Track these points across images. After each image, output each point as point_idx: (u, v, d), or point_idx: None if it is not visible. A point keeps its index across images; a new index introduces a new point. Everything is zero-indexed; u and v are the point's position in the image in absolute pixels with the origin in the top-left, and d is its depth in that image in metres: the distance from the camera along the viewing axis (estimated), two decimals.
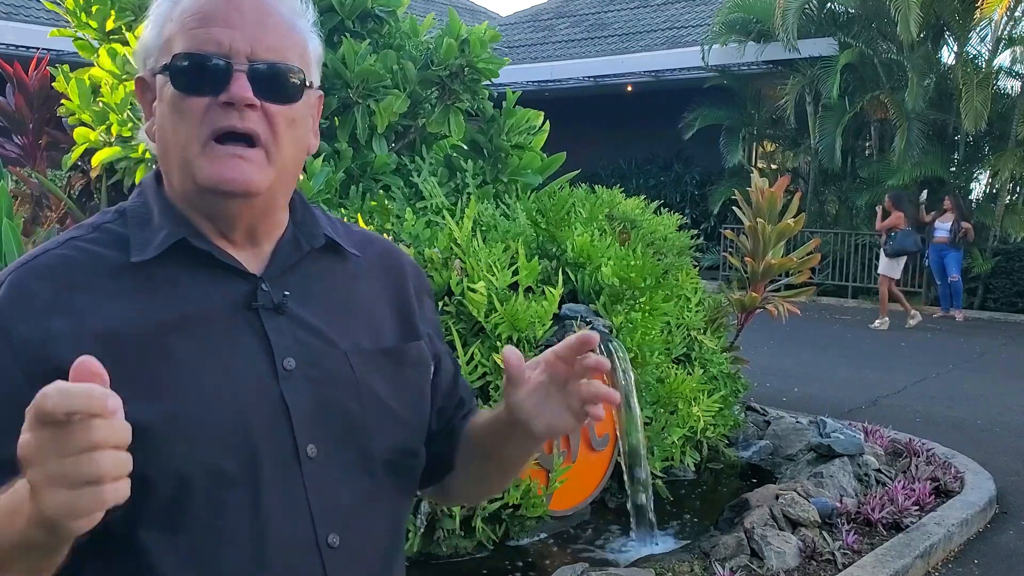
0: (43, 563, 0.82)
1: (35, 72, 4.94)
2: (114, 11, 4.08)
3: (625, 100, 16.68)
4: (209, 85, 0.96)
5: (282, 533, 0.97)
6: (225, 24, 0.97)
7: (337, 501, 1.00)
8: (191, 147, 0.97)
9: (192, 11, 0.98)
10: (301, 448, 0.98)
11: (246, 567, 0.96)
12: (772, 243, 5.10)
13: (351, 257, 1.11)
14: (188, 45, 0.97)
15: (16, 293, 0.95)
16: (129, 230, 1.01)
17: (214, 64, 0.96)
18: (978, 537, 4.33)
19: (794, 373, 7.72)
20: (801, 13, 12.89)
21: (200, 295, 0.99)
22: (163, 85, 0.99)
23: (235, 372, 0.97)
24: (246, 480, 0.95)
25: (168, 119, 0.99)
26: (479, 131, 4.34)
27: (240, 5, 0.98)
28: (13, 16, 11.16)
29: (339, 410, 1.01)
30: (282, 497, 0.97)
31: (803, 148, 14.40)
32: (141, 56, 1.04)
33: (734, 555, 3.56)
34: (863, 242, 13.19)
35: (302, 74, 1.01)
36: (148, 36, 1.02)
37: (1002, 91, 12.68)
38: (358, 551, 1.02)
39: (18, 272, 0.97)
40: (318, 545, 0.98)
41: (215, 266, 1.00)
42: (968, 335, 10.25)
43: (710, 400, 4.59)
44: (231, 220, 1.01)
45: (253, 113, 0.97)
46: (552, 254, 4.15)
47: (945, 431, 5.97)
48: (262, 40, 0.98)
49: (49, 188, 4.24)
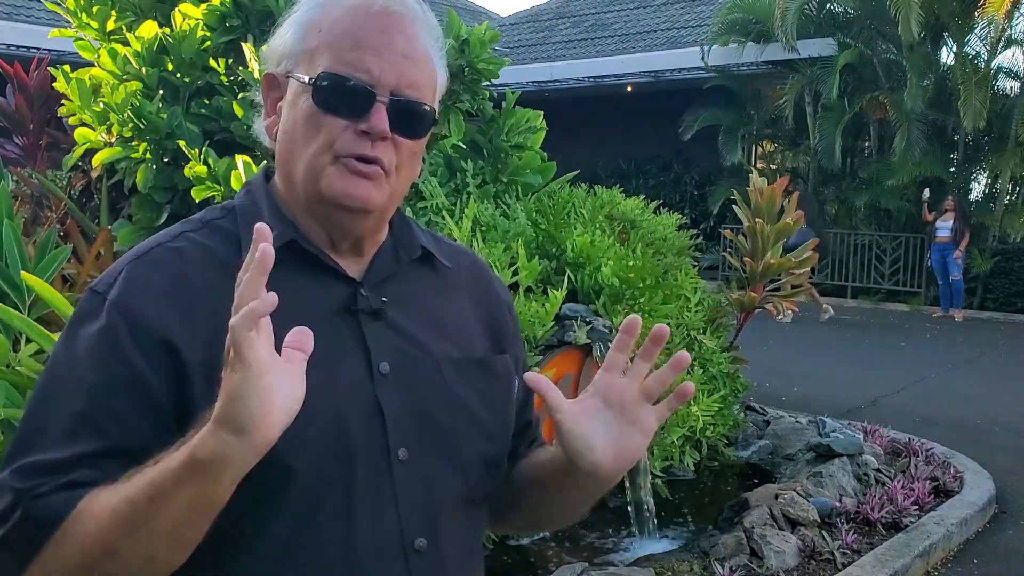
0: (201, 518, 0.85)
1: (35, 72, 4.94)
2: (115, 11, 4.08)
3: (625, 100, 16.68)
4: (350, 109, 0.98)
5: (371, 534, 0.98)
6: (376, 54, 0.99)
7: (425, 506, 1.02)
8: (321, 158, 0.99)
9: (345, 31, 0.99)
10: (393, 451, 1.00)
11: (334, 565, 0.97)
12: (771, 243, 5.10)
13: (444, 269, 1.14)
14: (337, 66, 0.98)
15: (135, 284, 0.97)
16: (240, 228, 1.03)
17: (359, 91, 0.98)
18: (977, 537, 4.34)
19: (794, 373, 7.72)
20: (801, 13, 12.90)
21: (305, 296, 1.00)
22: (300, 93, 1.01)
23: (335, 373, 0.99)
24: (341, 479, 0.97)
25: (300, 128, 1.00)
26: (479, 131, 4.34)
27: (393, 37, 1.00)
28: (13, 16, 11.16)
29: (430, 416, 1.03)
30: (373, 499, 0.98)
31: (802, 148, 14.41)
32: (276, 54, 1.05)
33: (734, 555, 3.57)
34: (863, 242, 13.20)
35: (433, 112, 1.04)
36: (290, 38, 1.03)
37: (1001, 91, 12.69)
38: (442, 557, 1.03)
39: (134, 264, 0.99)
40: (404, 548, 1.00)
41: (320, 269, 1.03)
42: (968, 335, 10.26)
43: (710, 400, 4.59)
44: (343, 231, 1.04)
45: (384, 144, 0.99)
46: (552, 254, 4.15)
47: (945, 431, 5.98)
48: (407, 74, 1.00)
49: (49, 188, 4.24)
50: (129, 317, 0.94)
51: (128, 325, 0.93)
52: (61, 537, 0.85)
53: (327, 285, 1.03)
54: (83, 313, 0.97)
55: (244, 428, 0.78)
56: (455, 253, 1.18)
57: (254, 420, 0.78)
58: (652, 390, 0.98)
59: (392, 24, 1.00)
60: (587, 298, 4.18)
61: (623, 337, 0.97)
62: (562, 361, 3.89)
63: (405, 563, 0.99)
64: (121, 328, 0.93)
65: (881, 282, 13.10)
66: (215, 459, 0.79)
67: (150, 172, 3.82)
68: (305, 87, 1.00)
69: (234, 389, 0.77)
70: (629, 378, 0.98)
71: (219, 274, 0.97)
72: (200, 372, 0.92)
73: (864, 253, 13.20)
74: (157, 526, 0.83)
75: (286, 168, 1.04)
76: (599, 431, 0.96)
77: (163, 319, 0.93)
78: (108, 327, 0.93)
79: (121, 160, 3.90)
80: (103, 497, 0.85)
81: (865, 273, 13.18)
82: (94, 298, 0.97)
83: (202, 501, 0.83)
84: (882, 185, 12.58)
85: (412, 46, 1.01)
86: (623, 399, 0.97)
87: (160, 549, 0.86)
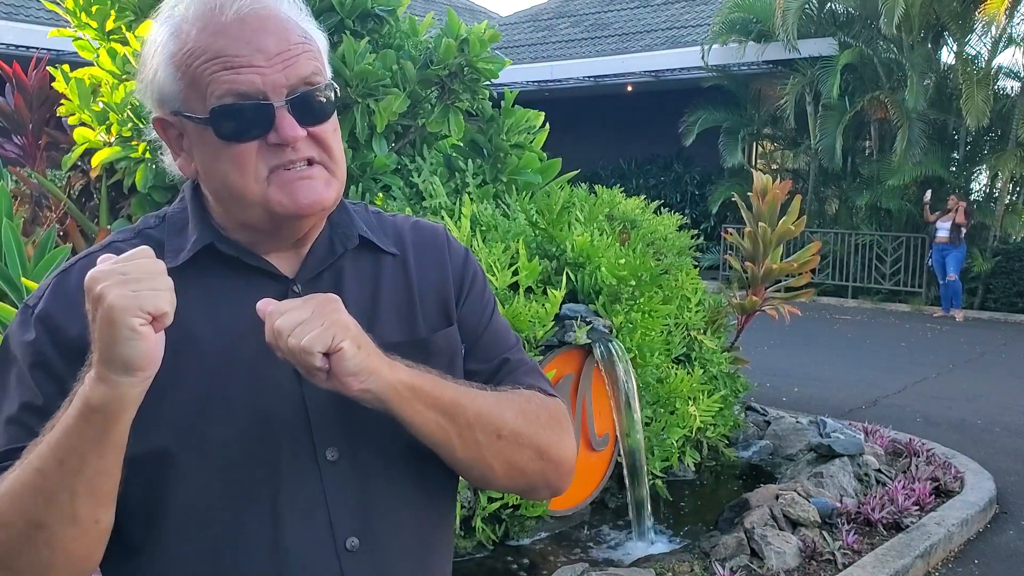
0: (114, 466, 0.89)
1: (35, 72, 4.94)
2: (114, 11, 4.08)
3: (625, 100, 16.68)
4: (255, 129, 0.96)
5: (299, 536, 0.98)
6: (252, 65, 0.95)
7: (359, 506, 1.01)
8: (252, 188, 0.97)
9: (212, 54, 0.95)
10: (320, 452, 1.00)
11: (262, 568, 0.97)
12: (772, 247, 5.09)
13: (386, 253, 1.12)
14: (221, 92, 0.95)
15: (60, 298, 0.99)
16: (165, 236, 1.03)
17: (255, 108, 0.95)
18: (978, 537, 4.33)
19: (794, 373, 7.71)
20: (801, 13, 12.89)
21: (230, 298, 1.00)
22: (200, 132, 0.98)
23: (262, 374, 0.98)
24: (266, 480, 0.97)
25: (215, 165, 0.99)
26: (479, 131, 4.34)
27: (260, 41, 0.95)
28: (13, 16, 11.15)
29: (359, 411, 0.99)
30: (301, 500, 0.98)
31: (803, 148, 14.40)
32: (155, 97, 1.01)
33: (734, 555, 3.56)
34: (863, 242, 13.18)
35: (332, 86, 1.02)
36: (162, 78, 0.99)
37: (1002, 91, 12.68)
38: (381, 553, 1.02)
39: (60, 277, 1.01)
40: (336, 549, 0.99)
41: (246, 269, 1.02)
42: (968, 335, 10.25)
43: (710, 400, 4.58)
44: (292, 233, 1.03)
45: (303, 143, 0.98)
46: (552, 254, 4.14)
47: (945, 431, 5.97)
48: (292, 69, 0.97)
49: (49, 188, 4.24)
50: (50, 328, 0.96)
51: (50, 336, 0.96)
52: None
53: (257, 285, 1.02)
54: (14, 326, 1.00)
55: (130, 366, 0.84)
56: (402, 232, 1.15)
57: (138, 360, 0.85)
58: None
59: (253, 29, 0.96)
60: (587, 298, 4.18)
61: None
62: (562, 361, 3.88)
63: (338, 563, 0.99)
64: (44, 339, 0.96)
65: (882, 282, 13.09)
66: (110, 401, 0.85)
67: (149, 172, 3.81)
68: (203, 126, 0.97)
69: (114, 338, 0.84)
70: None
71: None
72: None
73: (865, 253, 13.19)
74: (75, 485, 0.87)
75: (221, 199, 1.02)
76: None
77: (83, 330, 0.91)
78: (34, 340, 0.96)
79: (120, 160, 3.90)
80: (9, 480, 0.88)
81: (866, 273, 13.17)
82: (25, 311, 1.00)
83: (107, 448, 0.87)
84: (883, 185, 12.57)
85: (282, 39, 0.97)
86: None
87: (82, 507, 0.88)
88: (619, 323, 4.08)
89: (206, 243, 1.01)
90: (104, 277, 0.84)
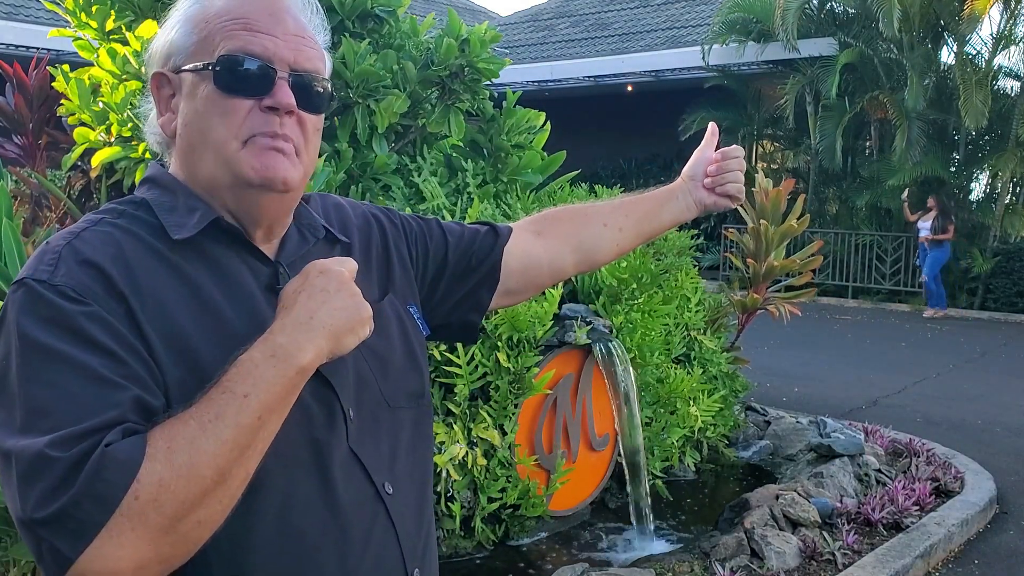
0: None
1: (35, 72, 4.94)
2: (114, 11, 4.07)
3: (625, 100, 16.68)
4: (254, 88, 1.01)
5: (348, 488, 1.05)
6: (269, 32, 1.02)
7: (380, 454, 1.10)
8: (231, 144, 1.01)
9: (233, 15, 1.03)
10: (345, 412, 1.07)
11: (324, 521, 1.02)
12: (775, 244, 5.09)
13: (342, 242, 1.20)
14: (233, 47, 1.01)
15: (78, 258, 0.95)
16: (160, 216, 1.04)
17: (260, 68, 1.01)
18: (978, 537, 4.33)
19: (794, 373, 7.72)
20: (801, 13, 12.89)
21: (236, 271, 1.05)
22: (198, 83, 1.02)
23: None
24: (305, 445, 1.02)
25: (203, 117, 1.02)
26: (479, 131, 4.34)
27: (282, 18, 1.04)
28: (13, 16, 11.15)
29: (362, 376, 1.11)
30: (337, 457, 1.04)
31: (803, 148, 14.41)
32: (162, 53, 1.07)
33: (734, 555, 3.56)
34: (864, 242, 13.18)
35: (330, 91, 1.09)
36: (175, 35, 1.05)
37: (1002, 91, 12.68)
38: (406, 495, 1.12)
39: (71, 246, 0.97)
40: (379, 494, 1.08)
41: (243, 248, 1.07)
42: (968, 335, 10.25)
43: (710, 400, 4.58)
44: (257, 215, 1.06)
45: (290, 120, 1.03)
46: None
47: (945, 431, 5.97)
48: (302, 51, 1.05)
49: (49, 188, 4.23)
50: (97, 289, 0.93)
51: (103, 289, 0.93)
52: (147, 478, 0.83)
53: (252, 264, 1.07)
54: (28, 303, 0.92)
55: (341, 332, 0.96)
56: (347, 219, 1.25)
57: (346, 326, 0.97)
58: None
59: (278, 7, 1.05)
60: (587, 298, 4.18)
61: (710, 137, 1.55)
62: (562, 361, 3.88)
63: (383, 506, 1.08)
64: (96, 291, 0.93)
65: (882, 282, 13.09)
66: (315, 363, 0.94)
67: None
68: (203, 75, 1.01)
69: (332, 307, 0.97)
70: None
71: (153, 258, 0.99)
72: (151, 326, 0.94)
73: (865, 253, 13.19)
74: (262, 443, 0.91)
75: (192, 159, 1.05)
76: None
77: (112, 279, 0.94)
78: (63, 304, 0.91)
79: (120, 160, 3.89)
80: (198, 433, 0.87)
81: (866, 273, 13.18)
82: (40, 286, 0.92)
83: (287, 409, 0.93)
84: (883, 185, 12.56)
85: (300, 26, 1.06)
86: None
87: (254, 464, 0.91)
88: (619, 323, 4.08)
89: (213, 217, 1.03)
90: (351, 289, 0.99)
